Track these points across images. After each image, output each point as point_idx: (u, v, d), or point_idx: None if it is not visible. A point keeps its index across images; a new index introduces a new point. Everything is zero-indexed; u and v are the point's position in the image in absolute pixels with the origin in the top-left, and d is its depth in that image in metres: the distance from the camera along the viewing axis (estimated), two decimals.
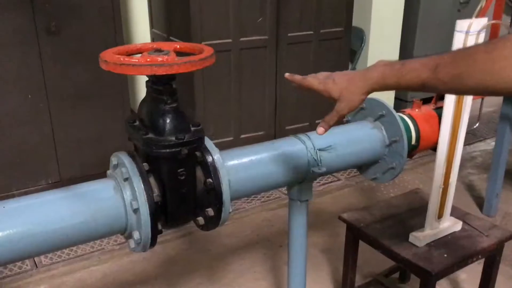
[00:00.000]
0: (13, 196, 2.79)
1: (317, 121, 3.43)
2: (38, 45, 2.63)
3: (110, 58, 1.08)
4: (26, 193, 2.82)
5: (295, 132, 1.04)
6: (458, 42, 1.54)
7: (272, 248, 2.56)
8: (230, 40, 2.98)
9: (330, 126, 1.09)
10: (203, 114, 3.04)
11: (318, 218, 2.81)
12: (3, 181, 2.75)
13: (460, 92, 0.91)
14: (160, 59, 1.10)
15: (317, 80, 1.09)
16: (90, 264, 2.42)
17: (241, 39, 3.01)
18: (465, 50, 0.88)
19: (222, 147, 3.43)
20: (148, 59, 1.08)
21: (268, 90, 3.23)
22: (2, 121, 2.67)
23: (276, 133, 3.36)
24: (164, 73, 1.05)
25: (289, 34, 3.18)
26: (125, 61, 1.06)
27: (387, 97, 3.65)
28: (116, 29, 2.81)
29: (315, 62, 3.36)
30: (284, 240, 2.42)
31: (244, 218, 2.82)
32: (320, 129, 1.09)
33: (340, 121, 1.69)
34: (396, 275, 2.32)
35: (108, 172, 1.26)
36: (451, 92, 0.91)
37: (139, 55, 1.14)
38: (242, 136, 3.25)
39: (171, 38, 3.13)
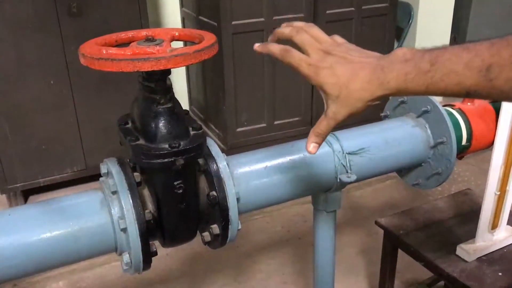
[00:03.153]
0: (39, 184, 2.74)
1: None
2: (60, 28, 2.51)
3: (90, 50, 0.90)
4: (52, 181, 2.77)
5: None
6: None
7: (304, 247, 2.36)
8: (262, 19, 2.76)
9: (324, 139, 0.77)
10: (234, 100, 2.85)
11: (356, 214, 2.58)
12: (29, 169, 2.68)
13: None
14: (149, 50, 0.91)
15: (305, 62, 0.73)
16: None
17: (275, 17, 2.77)
18: None
19: (255, 134, 3.20)
20: (132, 52, 0.89)
21: None
22: (26, 108, 2.58)
23: (313, 119, 3.13)
24: (150, 69, 0.85)
25: (327, 12, 2.92)
26: (103, 54, 0.87)
27: None
28: (141, 9, 2.65)
29: (357, 41, 3.03)
30: None
31: (275, 211, 2.63)
32: (311, 146, 0.76)
33: (376, 117, 1.45)
34: (442, 282, 2.08)
35: (101, 179, 1.09)
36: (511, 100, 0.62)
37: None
38: (276, 122, 3.03)
39: (200, 17, 2.93)
